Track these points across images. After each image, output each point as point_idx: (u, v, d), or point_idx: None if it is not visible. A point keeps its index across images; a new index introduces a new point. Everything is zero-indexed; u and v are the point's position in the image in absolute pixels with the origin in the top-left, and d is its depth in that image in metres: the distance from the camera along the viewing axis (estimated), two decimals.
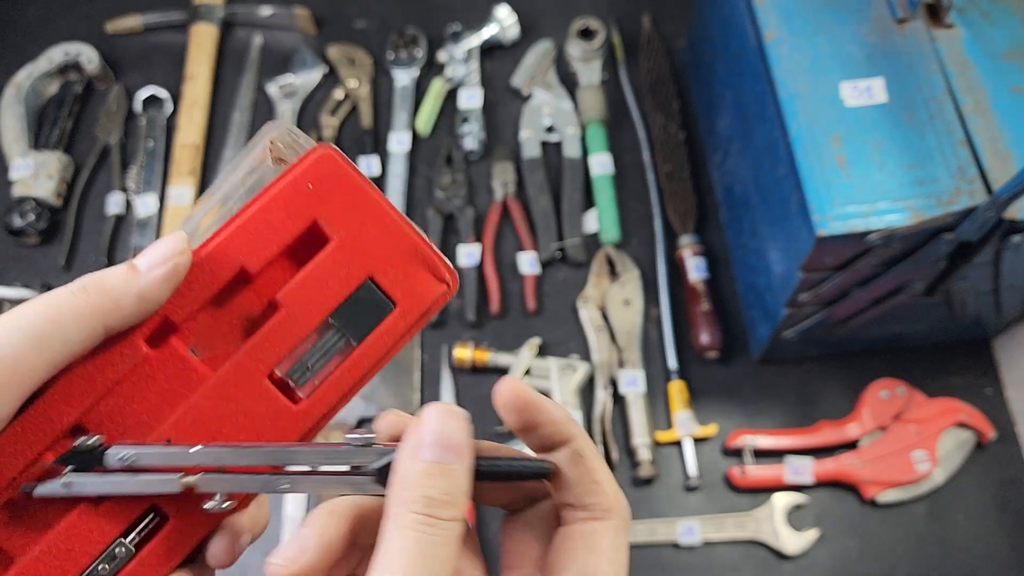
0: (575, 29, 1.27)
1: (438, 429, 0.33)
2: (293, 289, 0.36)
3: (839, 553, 1.00)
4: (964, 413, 1.02)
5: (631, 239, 1.18)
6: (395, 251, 0.37)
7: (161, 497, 0.34)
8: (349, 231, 0.36)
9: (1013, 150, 0.78)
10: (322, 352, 0.36)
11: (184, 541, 0.34)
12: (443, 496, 0.31)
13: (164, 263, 0.33)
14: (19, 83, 1.26)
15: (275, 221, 0.36)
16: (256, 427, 0.35)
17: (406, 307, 0.37)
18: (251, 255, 0.36)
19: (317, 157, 0.37)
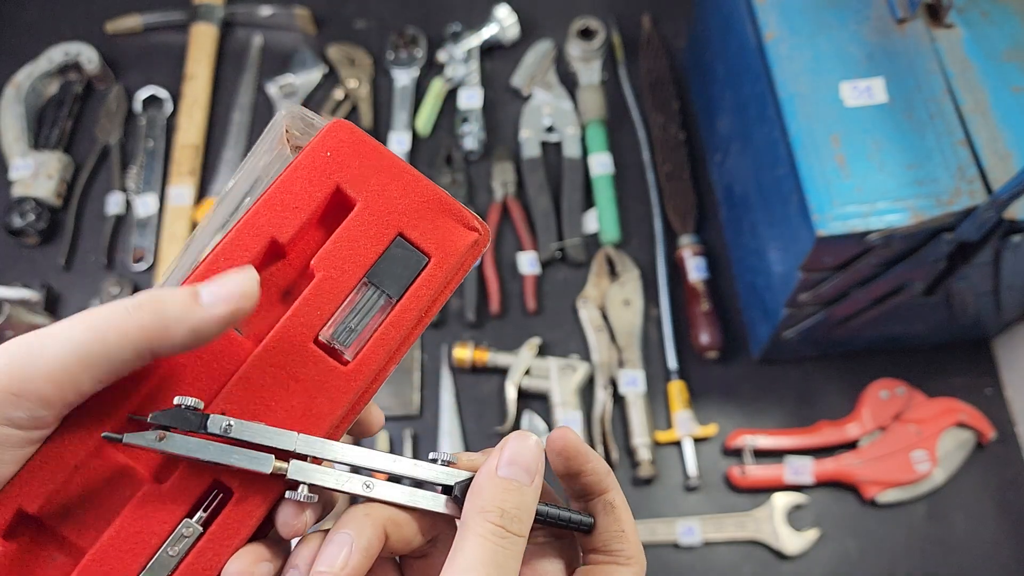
0: (575, 29, 1.27)
1: (516, 451, 0.35)
2: (326, 254, 0.37)
3: (839, 553, 1.00)
4: (964, 413, 1.02)
5: (631, 239, 1.18)
6: (421, 206, 0.37)
7: (228, 472, 0.34)
8: (373, 192, 0.37)
9: (1013, 150, 0.78)
10: (363, 311, 0.37)
11: (251, 514, 0.34)
12: (515, 511, 0.34)
13: (227, 302, 0.32)
14: (19, 83, 1.26)
15: (298, 191, 0.37)
16: (307, 391, 0.35)
17: (440, 258, 0.37)
18: (280, 226, 0.36)
19: (331, 125, 0.38)
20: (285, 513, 0.34)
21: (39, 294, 1.14)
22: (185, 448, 0.32)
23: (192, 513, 0.34)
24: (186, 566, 0.33)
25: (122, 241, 1.21)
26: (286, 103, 1.28)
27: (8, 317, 1.04)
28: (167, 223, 1.20)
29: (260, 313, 0.37)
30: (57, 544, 0.33)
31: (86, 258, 1.20)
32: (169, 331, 0.31)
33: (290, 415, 0.35)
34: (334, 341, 0.36)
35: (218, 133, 1.28)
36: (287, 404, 0.35)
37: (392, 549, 0.35)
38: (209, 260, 0.36)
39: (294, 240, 0.37)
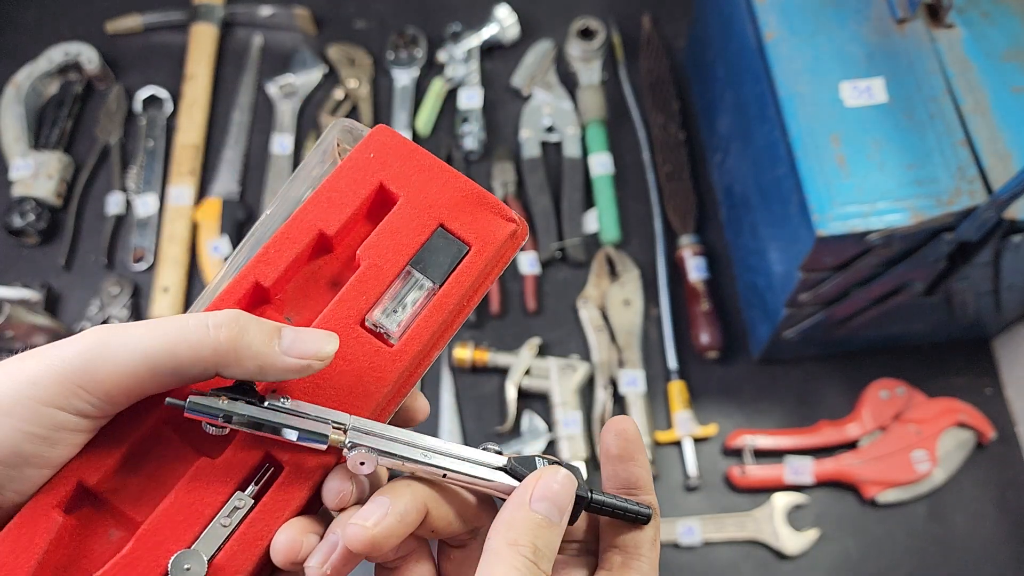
0: (575, 29, 1.27)
1: (549, 486, 0.35)
2: (372, 244, 0.39)
3: (839, 553, 1.00)
4: (964, 413, 1.02)
5: (631, 239, 1.18)
6: (461, 199, 0.40)
7: (279, 447, 0.35)
8: (414, 188, 0.40)
9: (1013, 150, 0.78)
10: (407, 296, 0.39)
11: (301, 486, 0.35)
12: (546, 548, 0.34)
13: (302, 357, 0.34)
14: (19, 83, 1.26)
15: (344, 188, 0.40)
16: (355, 370, 0.37)
17: (480, 247, 0.39)
18: (327, 220, 0.39)
19: (374, 131, 0.41)
20: (333, 481, 0.35)
21: (39, 294, 1.14)
22: (247, 412, 0.34)
23: (244, 486, 0.35)
24: (238, 536, 0.34)
25: (122, 241, 1.21)
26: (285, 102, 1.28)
27: (8, 317, 1.04)
28: (167, 223, 1.20)
29: (310, 301, 0.39)
30: (115, 519, 0.35)
31: (86, 258, 1.20)
32: (240, 361, 0.33)
33: (339, 393, 0.36)
34: (379, 324, 0.38)
35: (218, 133, 1.28)
36: (337, 383, 0.36)
37: (432, 527, 0.36)
38: (261, 251, 0.38)
39: (340, 233, 0.39)
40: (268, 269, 0.38)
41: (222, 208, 1.20)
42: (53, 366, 0.31)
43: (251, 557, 0.34)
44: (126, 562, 0.33)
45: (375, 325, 0.38)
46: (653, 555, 0.39)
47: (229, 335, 0.32)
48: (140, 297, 1.17)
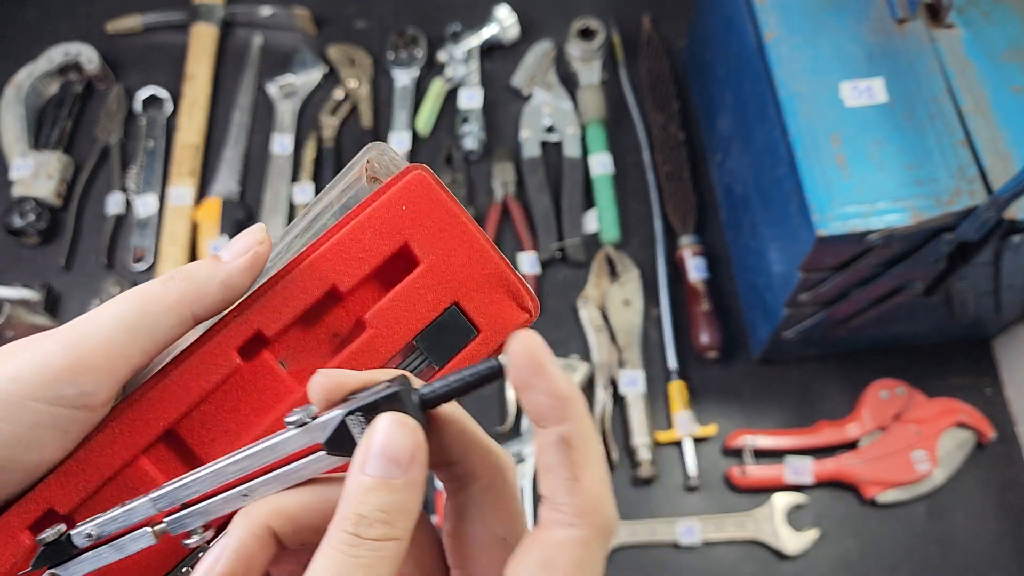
0: (575, 29, 1.27)
1: (384, 441, 0.29)
2: (382, 310, 0.37)
3: (839, 553, 1.00)
4: (964, 413, 1.02)
5: (631, 239, 1.18)
6: (482, 278, 0.38)
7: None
8: (438, 255, 0.37)
9: (1013, 150, 0.78)
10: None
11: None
12: (375, 513, 0.29)
13: (245, 252, 0.35)
14: (19, 83, 1.26)
15: (368, 241, 0.37)
16: None
17: (488, 334, 0.38)
18: (343, 274, 0.36)
19: (412, 178, 0.37)
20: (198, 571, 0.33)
21: (39, 294, 1.15)
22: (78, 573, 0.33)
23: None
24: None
25: (122, 241, 1.21)
26: (285, 102, 1.28)
27: (8, 317, 1.04)
28: (167, 223, 1.20)
29: (307, 349, 0.37)
30: None
31: (86, 258, 1.20)
32: (203, 291, 0.34)
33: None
34: None
35: (218, 133, 1.28)
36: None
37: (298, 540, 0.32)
38: (269, 295, 0.36)
39: (354, 289, 0.37)
40: (272, 318, 0.36)
41: (222, 208, 1.20)
42: (34, 359, 0.31)
43: None
44: None
45: None
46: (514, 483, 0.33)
47: (182, 278, 0.34)
48: None
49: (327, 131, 1.26)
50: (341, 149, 1.26)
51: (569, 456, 0.29)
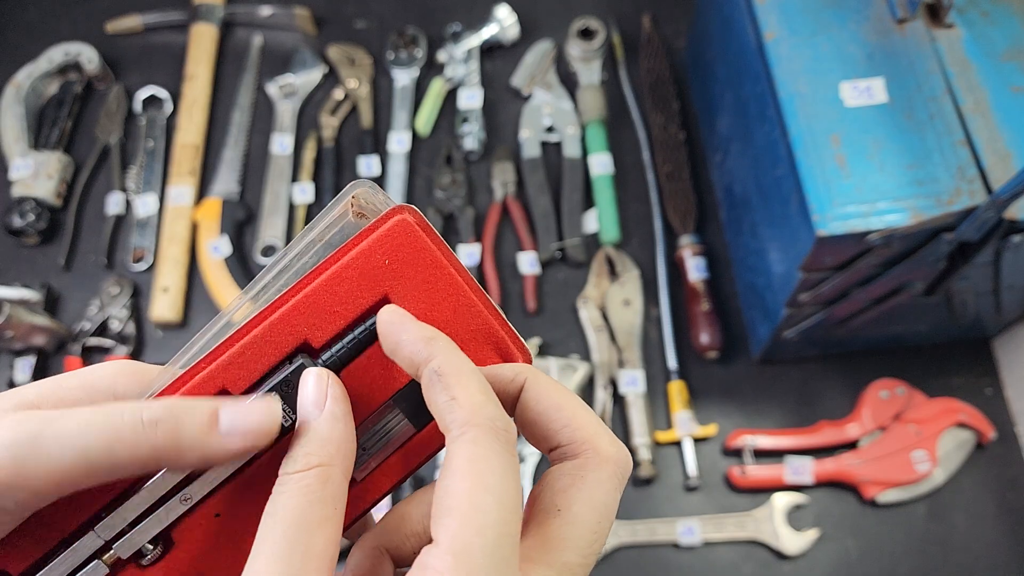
0: (575, 29, 1.27)
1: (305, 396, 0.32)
2: (358, 368, 0.34)
3: (839, 553, 1.00)
4: (964, 413, 1.02)
5: (631, 239, 1.18)
6: (466, 333, 0.35)
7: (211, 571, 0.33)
8: (421, 309, 0.35)
9: (1013, 150, 0.78)
10: (381, 436, 0.35)
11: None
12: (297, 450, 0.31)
13: (244, 437, 0.31)
14: (19, 83, 1.26)
15: (344, 293, 0.34)
16: None
17: None
18: (316, 328, 0.34)
19: (396, 224, 0.35)
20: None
21: (39, 294, 1.15)
22: None
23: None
24: None
25: (122, 241, 1.21)
26: (285, 102, 1.28)
27: (8, 317, 1.04)
28: (167, 223, 1.20)
29: None
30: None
31: (86, 258, 1.20)
32: (182, 456, 0.30)
33: None
34: None
35: (218, 133, 1.28)
36: None
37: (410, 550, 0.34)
38: (238, 352, 0.34)
39: (328, 344, 0.35)
40: (240, 375, 0.34)
41: (222, 208, 1.20)
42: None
43: None
44: None
45: None
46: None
47: (167, 430, 0.30)
48: (140, 297, 1.17)
49: (327, 131, 1.26)
50: (341, 149, 1.26)
51: (442, 382, 0.31)
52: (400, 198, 1.20)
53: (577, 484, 0.33)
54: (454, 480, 0.29)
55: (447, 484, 0.29)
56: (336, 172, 1.23)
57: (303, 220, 1.21)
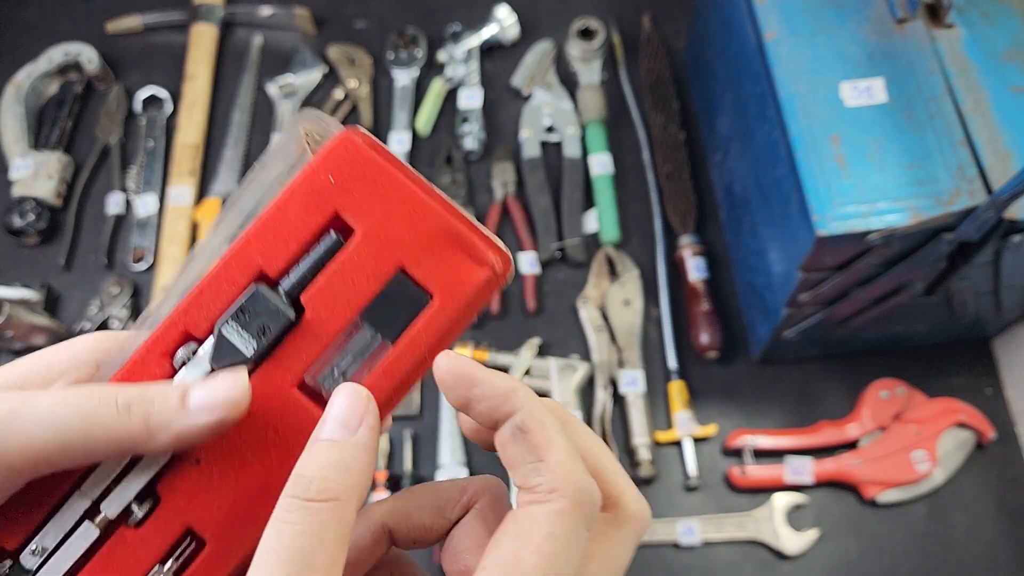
0: (575, 29, 1.27)
1: (338, 408, 0.30)
2: (318, 289, 0.33)
3: (839, 553, 1.00)
4: (964, 413, 1.02)
5: (631, 239, 1.18)
6: (428, 237, 0.34)
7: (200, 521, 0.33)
8: (375, 220, 0.34)
9: (1013, 150, 0.78)
10: (354, 354, 0.34)
11: (222, 566, 0.33)
12: (317, 471, 0.28)
13: (212, 411, 0.30)
14: (19, 83, 1.26)
15: (293, 218, 0.34)
16: (286, 443, 0.33)
17: (444, 298, 0.33)
18: (269, 258, 0.33)
19: (336, 143, 0.34)
20: None
21: (39, 294, 1.15)
22: None
23: (164, 560, 0.32)
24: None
25: (122, 241, 1.21)
26: (290, 105, 1.28)
27: (8, 317, 1.04)
28: (167, 223, 1.20)
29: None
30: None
31: (86, 258, 1.20)
32: (154, 439, 0.30)
33: (267, 465, 0.32)
34: (321, 386, 0.33)
35: (218, 133, 1.28)
36: (266, 453, 0.33)
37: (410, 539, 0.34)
38: (195, 293, 0.33)
39: (285, 271, 0.34)
40: (200, 317, 0.33)
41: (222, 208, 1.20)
42: None
43: None
44: None
45: (317, 386, 0.33)
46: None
47: (139, 414, 0.30)
48: (140, 297, 1.17)
49: None
50: None
51: (527, 441, 0.30)
52: None
53: (599, 540, 0.31)
54: (525, 550, 0.28)
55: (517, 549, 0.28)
56: None
57: None
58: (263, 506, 0.31)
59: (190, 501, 0.33)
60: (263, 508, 0.31)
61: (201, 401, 0.30)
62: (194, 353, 0.33)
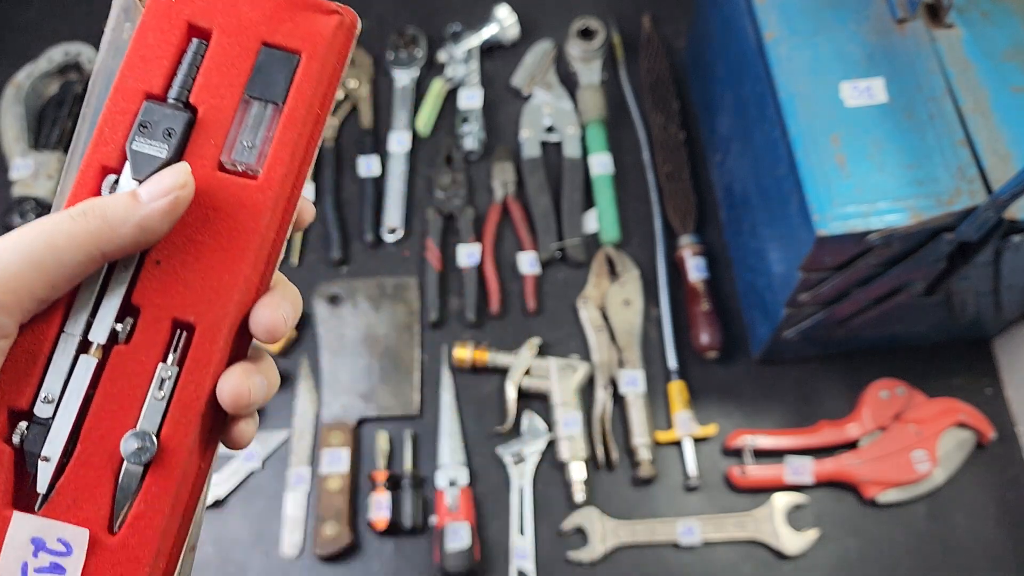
0: (575, 29, 1.27)
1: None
2: (201, 86, 0.38)
3: (839, 553, 1.00)
4: (964, 413, 1.02)
5: (631, 239, 1.18)
6: (274, 9, 0.38)
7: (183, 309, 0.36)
8: (224, 15, 0.38)
9: (1013, 150, 0.78)
10: (255, 126, 0.38)
11: (217, 337, 0.36)
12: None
13: (166, 195, 0.34)
14: (19, 83, 1.26)
15: (153, 43, 0.38)
16: (228, 214, 0.37)
17: (311, 51, 0.38)
18: (149, 80, 0.37)
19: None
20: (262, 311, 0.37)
21: None
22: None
23: (165, 358, 0.36)
24: (176, 404, 0.36)
25: None
26: None
27: None
28: None
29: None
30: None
31: None
32: (116, 231, 0.33)
33: (219, 239, 0.36)
34: (237, 162, 0.37)
35: None
36: (214, 231, 0.36)
37: None
38: (97, 134, 0.37)
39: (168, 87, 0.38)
40: (109, 149, 0.37)
41: None
42: None
43: (193, 419, 0.36)
44: (80, 462, 0.35)
45: (233, 164, 0.37)
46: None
47: (96, 215, 0.33)
48: None
49: (327, 131, 1.26)
50: (341, 149, 1.26)
51: None
52: (400, 198, 1.21)
53: None
54: None
55: None
56: (336, 172, 1.23)
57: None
58: (230, 273, 0.36)
59: (165, 298, 0.36)
60: (230, 275, 0.36)
61: (152, 191, 0.34)
62: (116, 183, 0.36)
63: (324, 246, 1.19)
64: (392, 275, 1.17)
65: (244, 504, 1.04)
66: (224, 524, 1.03)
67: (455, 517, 0.99)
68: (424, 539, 1.02)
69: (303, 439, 1.07)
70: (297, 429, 1.07)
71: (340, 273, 1.18)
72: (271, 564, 1.01)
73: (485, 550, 1.01)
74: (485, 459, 1.05)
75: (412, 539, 1.02)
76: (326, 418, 1.08)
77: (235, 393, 0.35)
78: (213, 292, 0.36)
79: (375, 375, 1.10)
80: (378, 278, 1.17)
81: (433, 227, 1.17)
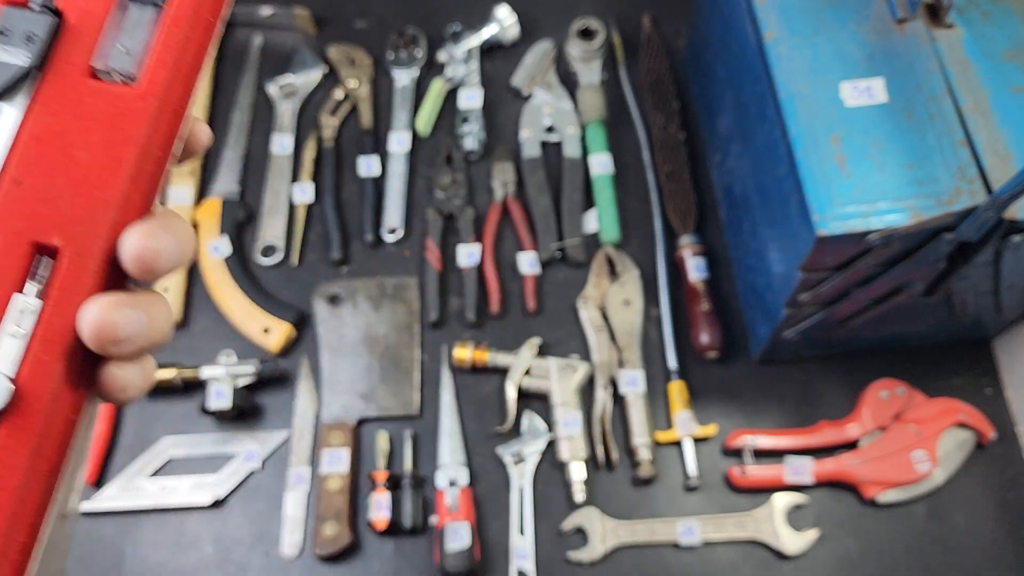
0: (575, 29, 1.27)
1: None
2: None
3: (839, 553, 1.00)
4: (964, 413, 1.02)
5: (631, 239, 1.18)
6: None
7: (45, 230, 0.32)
8: None
9: (1013, 150, 0.78)
10: (134, 29, 0.34)
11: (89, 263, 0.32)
12: None
13: None
14: None
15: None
16: (106, 126, 0.33)
17: None
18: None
19: None
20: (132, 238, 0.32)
21: None
22: None
23: (21, 288, 0.32)
24: (37, 342, 0.31)
25: None
26: (285, 102, 1.28)
27: None
28: None
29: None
30: None
31: None
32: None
33: (91, 153, 0.33)
34: (112, 69, 0.34)
35: (218, 133, 1.27)
36: (85, 143, 0.33)
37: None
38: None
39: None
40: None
41: (222, 208, 1.20)
42: None
43: (59, 359, 0.31)
44: None
45: (109, 71, 0.34)
46: None
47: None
48: None
49: (327, 131, 1.26)
50: (341, 149, 1.26)
51: None
52: (400, 198, 1.21)
53: None
54: None
55: None
56: (336, 172, 1.23)
57: (303, 220, 1.20)
58: (103, 190, 0.32)
59: (24, 219, 0.32)
60: (104, 192, 0.32)
61: None
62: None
63: (324, 246, 1.19)
64: (392, 275, 1.17)
65: (244, 504, 1.04)
66: (224, 524, 1.03)
67: (455, 517, 1.00)
68: (424, 539, 1.02)
69: (303, 439, 1.07)
70: (297, 429, 1.07)
71: (340, 273, 1.18)
72: (271, 564, 1.01)
73: (485, 550, 1.01)
74: (485, 459, 1.05)
75: (412, 539, 1.02)
76: (326, 418, 1.08)
77: (97, 324, 0.31)
78: (84, 212, 0.32)
79: (375, 375, 1.10)
80: (378, 278, 1.17)
81: (433, 227, 1.17)
